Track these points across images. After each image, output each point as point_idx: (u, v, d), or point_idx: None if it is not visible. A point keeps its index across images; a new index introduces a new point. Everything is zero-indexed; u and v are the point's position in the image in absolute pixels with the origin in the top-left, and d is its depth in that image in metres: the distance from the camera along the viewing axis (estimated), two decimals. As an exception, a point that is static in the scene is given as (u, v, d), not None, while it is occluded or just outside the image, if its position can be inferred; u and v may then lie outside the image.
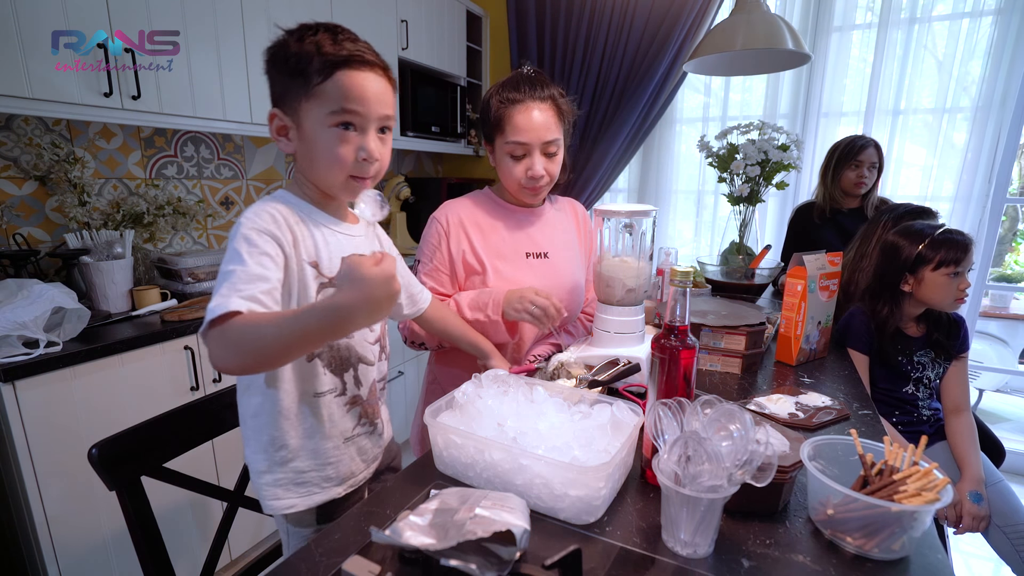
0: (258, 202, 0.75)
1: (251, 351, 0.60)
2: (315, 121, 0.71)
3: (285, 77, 0.71)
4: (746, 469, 0.56)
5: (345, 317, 0.58)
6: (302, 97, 0.71)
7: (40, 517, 1.25)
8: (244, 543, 1.72)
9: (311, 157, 0.74)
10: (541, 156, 1.10)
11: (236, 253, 0.68)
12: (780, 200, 2.55)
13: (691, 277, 0.67)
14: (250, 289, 0.64)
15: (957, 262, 1.27)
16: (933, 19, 2.19)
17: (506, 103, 1.07)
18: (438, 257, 1.15)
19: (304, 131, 0.73)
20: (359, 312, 0.58)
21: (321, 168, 0.74)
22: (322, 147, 0.72)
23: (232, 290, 0.63)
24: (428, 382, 1.28)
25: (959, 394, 1.37)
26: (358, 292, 0.57)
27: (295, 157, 0.78)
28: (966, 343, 1.39)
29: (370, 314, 0.59)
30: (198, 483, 0.89)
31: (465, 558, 0.47)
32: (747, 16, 1.50)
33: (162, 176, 1.91)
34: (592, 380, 0.90)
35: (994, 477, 1.32)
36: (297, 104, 0.72)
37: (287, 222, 0.73)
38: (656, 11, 2.48)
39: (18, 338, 1.22)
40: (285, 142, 0.75)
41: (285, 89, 0.72)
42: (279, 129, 0.75)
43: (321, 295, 0.76)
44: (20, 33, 1.27)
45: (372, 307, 0.58)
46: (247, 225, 0.69)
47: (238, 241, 0.68)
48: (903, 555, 0.57)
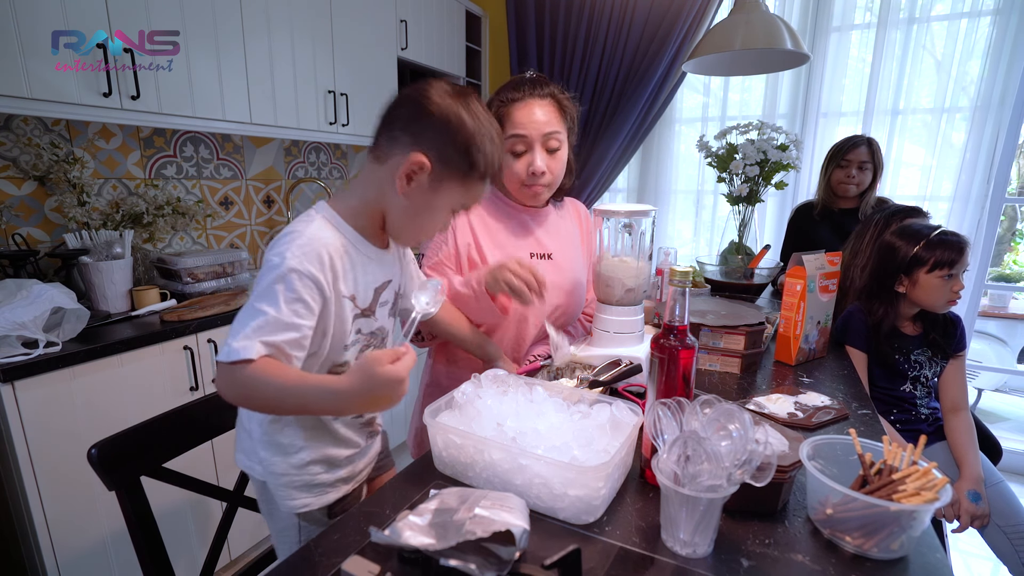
0: (311, 225, 0.73)
1: (251, 398, 0.66)
2: (450, 199, 0.75)
3: (451, 148, 0.71)
4: (745, 469, 0.56)
5: (344, 403, 0.63)
6: (458, 176, 0.73)
7: (40, 517, 1.25)
8: (243, 543, 1.72)
9: (419, 214, 0.75)
10: (542, 150, 1.09)
11: (272, 293, 0.66)
12: (779, 200, 2.55)
13: (690, 277, 0.67)
14: (275, 338, 0.65)
15: (952, 264, 1.27)
16: (932, 19, 2.19)
17: (506, 102, 1.07)
18: (444, 252, 1.15)
19: (438, 196, 0.74)
20: (359, 403, 0.63)
21: (416, 230, 0.78)
22: (437, 218, 0.77)
23: (257, 334, 0.64)
24: (426, 383, 1.28)
25: (957, 393, 1.37)
26: (364, 386, 0.61)
27: (383, 185, 0.75)
28: (963, 342, 1.39)
29: (368, 406, 0.63)
30: (198, 483, 0.89)
31: (464, 558, 0.47)
32: (746, 16, 1.50)
33: (161, 176, 1.91)
34: (593, 380, 0.90)
35: (994, 477, 1.31)
36: (451, 175, 0.72)
37: (332, 259, 0.72)
38: (655, 11, 2.48)
39: (17, 338, 1.22)
40: (404, 186, 0.72)
41: (450, 155, 0.71)
42: (411, 173, 0.71)
43: (354, 326, 0.78)
44: (20, 33, 1.27)
45: (372, 402, 0.62)
46: (292, 262, 0.67)
47: (277, 278, 0.67)
48: (902, 554, 0.57)
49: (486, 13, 2.97)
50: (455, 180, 0.73)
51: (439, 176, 0.72)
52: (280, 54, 1.87)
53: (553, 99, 1.09)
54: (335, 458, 0.85)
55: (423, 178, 0.71)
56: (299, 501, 0.83)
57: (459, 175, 0.73)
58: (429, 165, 0.70)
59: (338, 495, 0.86)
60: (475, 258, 1.15)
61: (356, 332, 0.80)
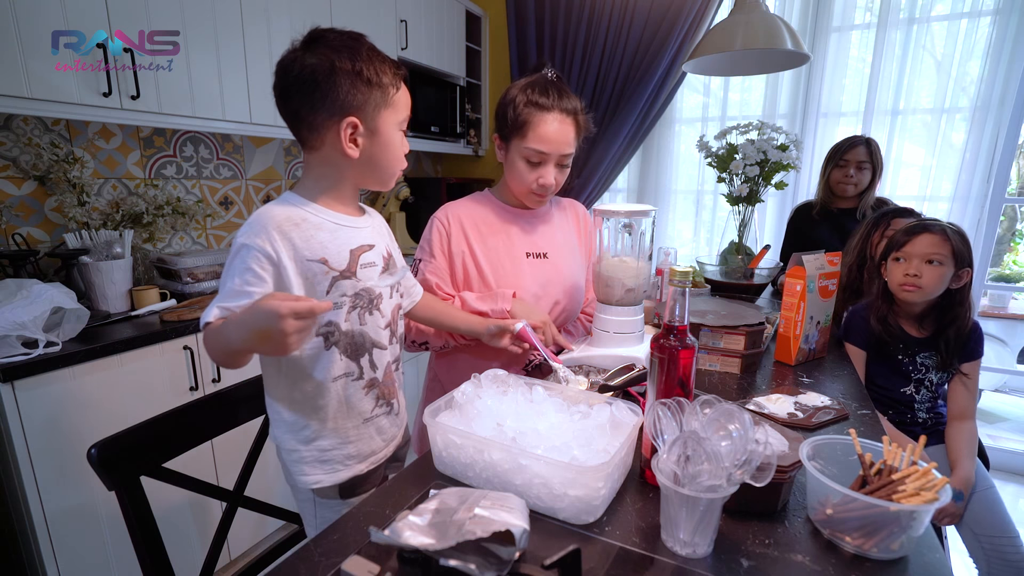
0: (258, 212, 0.79)
1: (212, 350, 0.74)
2: (390, 124, 0.82)
3: (353, 90, 0.77)
4: (745, 469, 0.56)
5: (238, 330, 0.68)
6: (382, 106, 0.80)
7: (39, 517, 1.25)
8: (243, 543, 1.72)
9: (381, 156, 0.83)
10: (554, 167, 1.11)
11: (230, 268, 0.76)
12: (779, 200, 2.55)
13: (690, 277, 0.67)
14: (229, 303, 0.74)
15: (899, 246, 1.27)
16: (932, 19, 2.19)
17: (532, 106, 1.07)
18: (439, 255, 1.15)
19: (381, 131, 0.81)
20: (250, 333, 0.66)
21: (388, 167, 0.85)
22: (396, 146, 0.84)
23: (216, 302, 0.74)
24: (428, 381, 1.28)
25: (963, 402, 1.32)
26: (249, 315, 0.66)
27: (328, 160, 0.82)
28: (976, 349, 1.31)
29: (258, 340, 0.66)
30: (197, 483, 0.89)
31: (464, 558, 0.47)
32: (746, 16, 1.50)
33: (161, 176, 1.91)
34: (604, 384, 0.90)
35: (985, 483, 1.29)
36: (375, 107, 0.79)
37: (284, 229, 0.77)
38: (655, 11, 2.48)
39: (17, 338, 1.22)
40: (355, 149, 0.80)
41: (365, 97, 0.78)
42: (352, 138, 0.79)
43: (334, 288, 0.81)
44: (20, 33, 1.27)
45: (260, 335, 0.65)
46: (241, 239, 0.76)
47: (233, 255, 0.76)
48: (902, 555, 0.57)
49: (486, 13, 2.97)
50: (380, 108, 0.80)
51: (370, 117, 0.79)
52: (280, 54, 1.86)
53: (575, 117, 1.11)
54: (342, 431, 0.87)
55: (362, 130, 0.79)
56: (311, 477, 0.86)
57: (379, 102, 0.79)
58: (357, 120, 0.78)
59: (350, 474, 0.88)
60: (471, 262, 1.15)
61: (340, 295, 0.82)
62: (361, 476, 0.90)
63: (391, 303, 0.91)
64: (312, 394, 0.84)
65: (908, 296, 1.27)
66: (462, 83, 2.85)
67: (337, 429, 0.86)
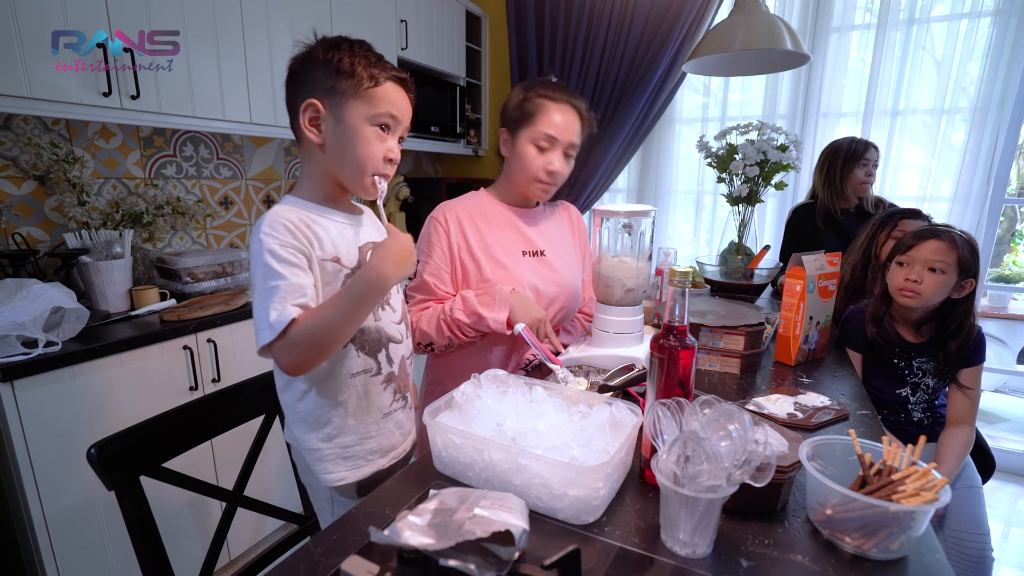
0: (269, 213, 0.78)
1: (313, 347, 0.73)
2: (358, 116, 0.79)
3: (322, 76, 0.78)
4: (745, 469, 0.56)
5: (374, 276, 0.72)
6: (351, 96, 0.78)
7: (39, 517, 1.25)
8: (243, 543, 1.72)
9: (346, 148, 0.80)
10: (562, 154, 1.14)
11: (270, 270, 0.74)
12: (779, 200, 2.55)
13: (690, 277, 0.67)
14: (297, 299, 0.73)
15: (905, 250, 1.26)
16: (932, 20, 2.19)
17: (543, 97, 1.12)
18: (438, 254, 1.15)
19: (347, 120, 0.79)
20: (387, 266, 0.73)
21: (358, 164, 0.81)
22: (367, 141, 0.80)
23: (284, 302, 0.72)
24: (428, 382, 1.28)
25: (960, 409, 1.30)
26: (382, 251, 0.73)
27: (311, 154, 0.83)
28: (976, 355, 1.28)
29: (396, 267, 0.73)
30: (197, 483, 0.89)
31: (464, 558, 0.47)
32: (746, 16, 1.50)
33: (161, 176, 1.91)
34: (603, 384, 0.90)
35: (970, 482, 1.29)
36: (341, 94, 0.78)
37: (303, 225, 0.79)
38: (655, 11, 2.48)
39: (17, 338, 1.21)
40: (316, 135, 0.80)
41: (333, 84, 0.78)
42: (312, 120, 0.79)
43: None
44: (20, 33, 1.27)
45: (396, 261, 0.73)
46: (270, 241, 0.75)
47: (267, 257, 0.74)
48: (901, 555, 0.57)
49: (486, 13, 2.97)
50: (349, 97, 0.78)
51: (335, 104, 0.78)
52: (280, 54, 1.86)
53: (581, 114, 1.15)
54: (363, 426, 0.88)
55: (326, 117, 0.79)
56: (335, 474, 0.87)
57: (348, 91, 0.78)
58: (318, 102, 0.78)
59: (372, 469, 0.89)
60: (469, 260, 1.16)
61: None
62: (383, 471, 0.91)
63: (399, 297, 0.93)
64: (332, 391, 0.85)
65: (906, 302, 1.26)
66: (462, 83, 2.85)
67: (358, 425, 0.88)
